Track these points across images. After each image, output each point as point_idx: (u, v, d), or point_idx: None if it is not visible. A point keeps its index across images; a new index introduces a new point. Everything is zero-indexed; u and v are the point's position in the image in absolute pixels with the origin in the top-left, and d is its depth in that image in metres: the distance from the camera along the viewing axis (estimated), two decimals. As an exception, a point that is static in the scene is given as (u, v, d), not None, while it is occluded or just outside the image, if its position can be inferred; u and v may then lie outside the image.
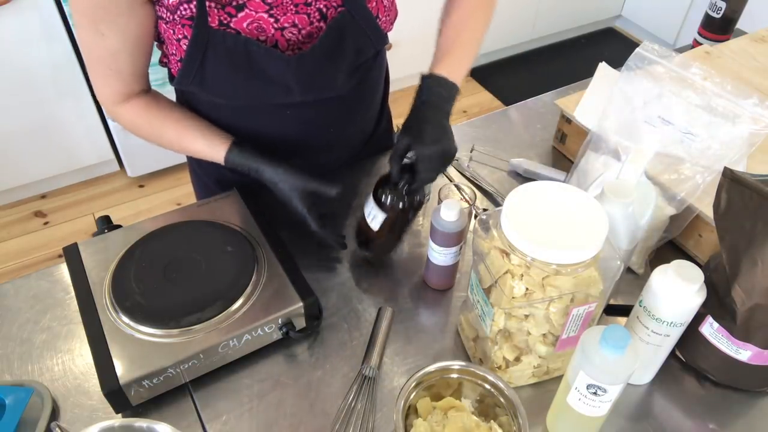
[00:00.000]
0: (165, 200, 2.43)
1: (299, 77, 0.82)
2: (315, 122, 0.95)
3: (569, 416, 0.69)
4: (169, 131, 0.89)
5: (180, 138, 0.89)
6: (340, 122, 0.97)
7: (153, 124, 0.88)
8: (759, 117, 0.88)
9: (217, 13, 0.75)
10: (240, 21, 0.77)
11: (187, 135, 0.88)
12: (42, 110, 2.15)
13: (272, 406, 0.76)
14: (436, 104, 0.82)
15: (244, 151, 0.86)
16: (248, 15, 0.77)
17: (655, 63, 0.97)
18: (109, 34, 0.77)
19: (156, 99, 0.89)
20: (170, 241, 0.86)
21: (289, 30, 0.80)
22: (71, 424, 0.74)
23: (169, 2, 0.74)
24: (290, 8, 0.79)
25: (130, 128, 0.90)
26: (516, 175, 1.11)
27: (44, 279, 0.91)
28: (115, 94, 0.85)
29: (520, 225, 0.65)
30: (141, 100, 0.87)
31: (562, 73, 3.18)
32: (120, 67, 0.82)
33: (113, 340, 0.74)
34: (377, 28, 0.83)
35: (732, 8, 1.33)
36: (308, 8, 0.79)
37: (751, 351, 0.72)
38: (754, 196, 0.67)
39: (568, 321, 0.69)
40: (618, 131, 0.92)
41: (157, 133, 0.89)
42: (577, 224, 0.66)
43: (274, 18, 0.78)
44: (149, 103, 0.88)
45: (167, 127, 0.89)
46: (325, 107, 0.92)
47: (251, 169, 0.86)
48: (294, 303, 0.79)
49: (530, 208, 0.68)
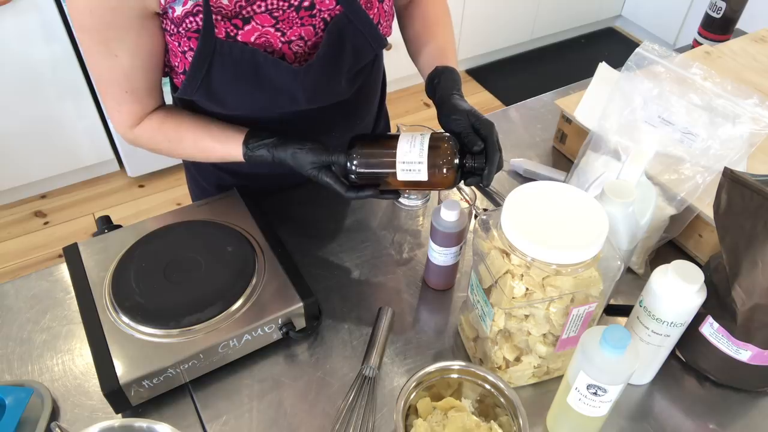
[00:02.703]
0: (165, 200, 2.43)
1: (305, 86, 0.82)
2: (317, 128, 0.95)
3: (569, 416, 0.69)
4: (186, 142, 0.86)
5: (197, 147, 0.86)
6: (341, 126, 0.98)
7: (171, 138, 0.86)
8: (759, 117, 0.88)
9: (224, 25, 0.75)
10: (247, 34, 0.76)
11: (204, 143, 0.86)
12: (42, 110, 2.15)
13: (272, 406, 0.76)
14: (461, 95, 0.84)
15: (257, 148, 0.83)
16: (255, 28, 0.76)
17: (655, 63, 0.97)
18: (122, 53, 0.75)
19: (168, 111, 0.87)
20: (170, 241, 0.86)
21: (296, 43, 0.80)
22: (71, 424, 0.74)
23: (174, 15, 0.74)
24: (296, 21, 0.78)
25: (151, 147, 0.88)
26: (516, 175, 1.11)
27: (44, 279, 0.90)
28: (131, 117, 0.83)
29: (521, 225, 0.65)
30: (155, 117, 0.85)
31: (562, 73, 3.18)
32: (135, 87, 0.80)
33: (113, 340, 0.74)
34: (375, 30, 0.83)
35: (732, 8, 1.33)
36: (313, 19, 0.79)
37: (752, 351, 0.72)
38: (754, 196, 0.67)
39: (569, 321, 0.69)
40: (618, 131, 0.92)
41: (175, 148, 0.87)
42: (578, 224, 0.66)
43: (281, 32, 0.78)
44: (163, 117, 0.86)
45: (184, 138, 0.86)
46: (327, 113, 0.92)
47: (270, 163, 0.83)
48: (294, 303, 0.79)
49: (530, 208, 0.68)
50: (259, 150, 0.82)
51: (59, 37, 2.02)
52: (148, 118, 0.85)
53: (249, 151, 0.83)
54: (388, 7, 0.86)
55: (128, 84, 0.79)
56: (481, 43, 3.08)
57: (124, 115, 0.83)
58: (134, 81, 0.80)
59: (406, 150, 0.75)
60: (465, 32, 2.94)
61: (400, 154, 0.75)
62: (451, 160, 0.74)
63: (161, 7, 0.73)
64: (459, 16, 2.84)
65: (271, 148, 0.82)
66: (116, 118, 0.84)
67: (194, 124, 0.86)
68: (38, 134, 2.20)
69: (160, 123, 0.85)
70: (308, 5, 0.78)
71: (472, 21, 2.91)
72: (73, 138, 2.28)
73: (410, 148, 0.75)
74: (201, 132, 0.86)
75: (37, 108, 2.13)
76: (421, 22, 0.96)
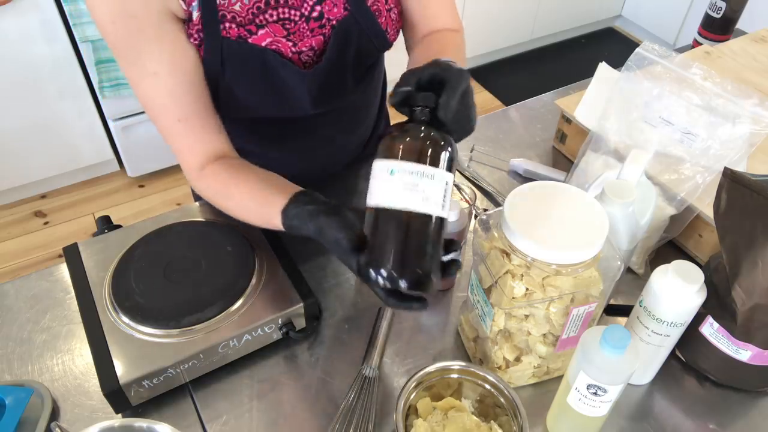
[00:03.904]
0: (165, 200, 2.43)
1: (312, 90, 0.82)
2: (321, 131, 0.95)
3: (569, 416, 0.69)
4: (233, 200, 0.77)
5: (240, 207, 0.77)
6: (344, 129, 0.98)
7: (219, 192, 0.78)
8: (759, 117, 0.88)
9: (237, 31, 0.74)
10: (259, 39, 0.76)
11: (246, 204, 0.75)
12: (42, 110, 2.15)
13: (272, 406, 0.76)
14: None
15: (298, 215, 0.67)
16: (267, 34, 0.76)
17: (655, 63, 0.97)
18: (159, 69, 0.71)
19: (228, 162, 0.78)
20: (170, 241, 0.86)
21: (306, 53, 0.80)
22: (71, 424, 0.74)
23: (195, 21, 0.73)
24: (306, 34, 0.78)
25: (212, 198, 0.79)
26: (516, 175, 1.11)
27: (44, 279, 0.90)
28: (192, 156, 0.77)
29: (521, 225, 0.65)
30: (216, 165, 0.78)
31: (562, 73, 3.18)
32: (185, 114, 0.75)
33: (113, 340, 0.74)
34: (381, 32, 0.83)
35: (732, 8, 1.33)
36: (323, 29, 0.79)
37: (752, 351, 0.72)
38: (754, 197, 0.67)
39: (569, 321, 0.69)
40: (618, 131, 0.92)
41: (223, 204, 0.79)
42: (578, 224, 0.66)
43: (292, 42, 0.78)
44: (220, 168, 0.77)
45: (231, 195, 0.77)
46: (331, 116, 0.92)
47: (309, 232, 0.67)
48: (294, 303, 0.79)
49: (530, 208, 0.68)
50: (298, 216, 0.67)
51: (59, 37, 2.02)
52: (211, 166, 0.78)
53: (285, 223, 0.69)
54: (395, 15, 0.86)
55: (177, 109, 0.75)
56: (481, 43, 3.08)
57: (185, 154, 0.77)
58: (182, 105, 0.74)
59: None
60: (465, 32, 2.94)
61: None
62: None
63: (185, 12, 0.71)
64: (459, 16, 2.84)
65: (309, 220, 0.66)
66: (182, 159, 0.78)
67: (245, 178, 0.76)
68: (38, 134, 2.19)
69: (216, 173, 0.77)
70: (317, 15, 0.78)
71: (472, 21, 2.91)
72: (73, 138, 2.28)
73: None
74: (247, 187, 0.75)
75: (37, 108, 2.13)
76: (428, 42, 0.87)
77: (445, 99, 0.58)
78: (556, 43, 3.41)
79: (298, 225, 0.67)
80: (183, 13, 0.72)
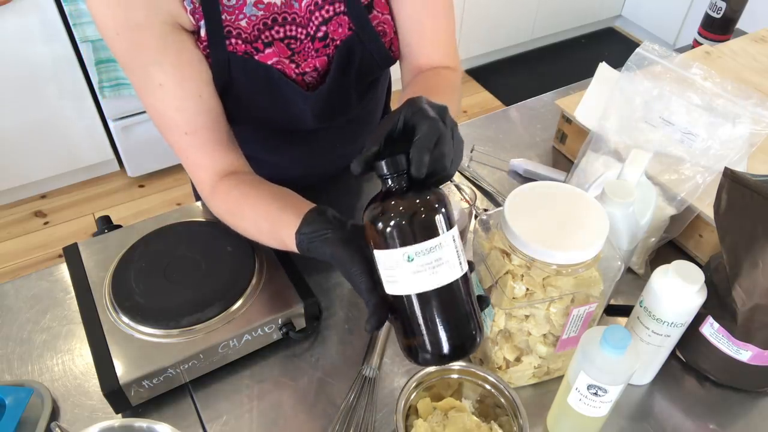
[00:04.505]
0: (165, 200, 2.43)
1: (315, 109, 0.82)
2: (323, 142, 0.95)
3: (570, 416, 0.69)
4: (246, 221, 0.75)
5: (253, 228, 0.74)
6: (347, 139, 0.98)
7: (231, 212, 0.76)
8: (759, 117, 0.88)
9: (243, 48, 0.74)
10: (265, 57, 0.76)
11: (258, 224, 0.73)
12: (42, 110, 2.15)
13: (272, 406, 0.76)
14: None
15: (313, 240, 0.64)
16: (273, 53, 0.76)
17: (655, 63, 0.97)
18: (165, 80, 0.70)
19: (239, 179, 0.76)
20: (170, 241, 0.86)
21: (310, 74, 0.80)
22: (71, 424, 0.74)
23: (202, 36, 0.72)
24: (311, 53, 0.78)
25: (225, 218, 0.77)
26: (516, 175, 1.11)
27: (44, 279, 0.90)
28: (201, 171, 0.75)
29: (521, 225, 0.65)
30: (228, 182, 0.76)
31: (562, 73, 3.18)
32: (194, 127, 0.73)
33: (113, 340, 0.74)
34: (383, 50, 0.82)
35: (732, 8, 1.33)
36: (327, 49, 0.79)
37: (752, 351, 0.72)
38: (754, 197, 0.67)
39: (569, 321, 0.69)
40: (618, 131, 0.92)
41: (237, 225, 0.76)
42: (578, 224, 0.66)
43: (296, 63, 0.78)
44: (232, 185, 0.75)
45: (245, 215, 0.74)
46: (334, 130, 0.92)
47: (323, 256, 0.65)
48: (294, 303, 0.79)
49: (530, 208, 0.68)
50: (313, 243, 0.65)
51: (59, 37, 2.02)
52: (223, 182, 0.76)
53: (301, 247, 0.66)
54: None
55: (184, 121, 0.73)
56: (481, 43, 3.08)
57: (196, 170, 0.76)
58: (189, 117, 0.73)
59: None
60: (465, 32, 2.94)
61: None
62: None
63: (193, 25, 0.70)
64: (459, 16, 2.84)
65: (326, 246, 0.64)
66: (194, 176, 0.77)
67: (258, 196, 0.73)
68: (38, 134, 2.20)
69: (228, 189, 0.75)
70: (322, 36, 0.78)
71: (472, 21, 2.91)
72: (73, 138, 2.28)
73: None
74: (261, 206, 0.72)
75: (37, 108, 2.13)
76: (422, 79, 0.82)
77: (416, 155, 0.53)
78: (556, 43, 3.41)
79: (314, 253, 0.64)
80: (191, 26, 0.71)
